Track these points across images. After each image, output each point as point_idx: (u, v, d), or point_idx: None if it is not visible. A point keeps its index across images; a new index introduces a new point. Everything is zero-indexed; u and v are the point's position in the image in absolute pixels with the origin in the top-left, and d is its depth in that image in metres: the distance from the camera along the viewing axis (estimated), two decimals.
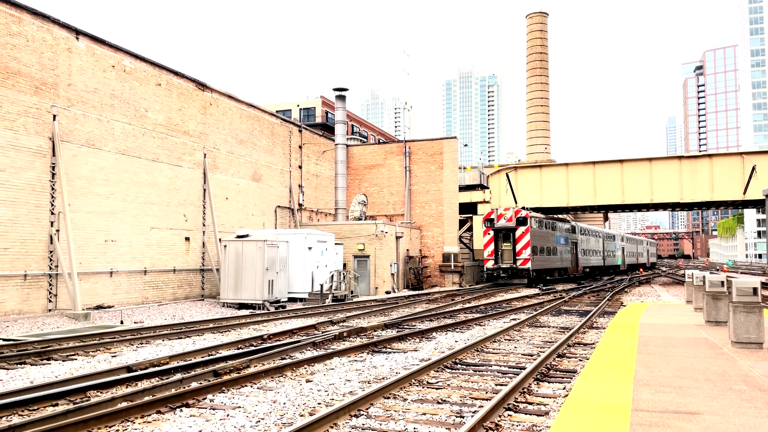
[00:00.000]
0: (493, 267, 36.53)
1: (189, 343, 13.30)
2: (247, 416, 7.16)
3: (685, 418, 6.08)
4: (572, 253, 45.32)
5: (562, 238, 42.23)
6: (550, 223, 40.07)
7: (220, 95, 28.98)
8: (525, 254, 35.57)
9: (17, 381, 9.30)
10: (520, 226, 36.00)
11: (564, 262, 42.52)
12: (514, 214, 36.36)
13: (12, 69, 18.98)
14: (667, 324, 14.55)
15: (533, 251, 35.93)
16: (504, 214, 36.63)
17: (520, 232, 36.01)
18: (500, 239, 36.74)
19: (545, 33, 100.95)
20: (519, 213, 36.31)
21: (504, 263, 36.39)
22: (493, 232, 36.83)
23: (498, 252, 36.62)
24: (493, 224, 36.82)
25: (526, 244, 35.57)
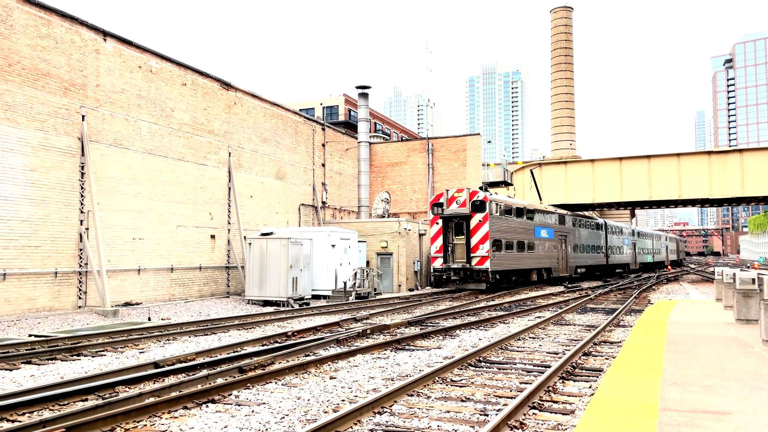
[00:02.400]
0: (441, 267, 28.09)
1: (215, 339, 13.45)
2: (271, 412, 7.21)
3: (714, 418, 5.97)
4: (560, 249, 36.96)
5: (544, 230, 34.53)
6: (525, 211, 32.27)
7: (244, 94, 29.21)
8: (482, 250, 27.35)
9: (48, 376, 9.50)
10: (476, 212, 27.75)
11: (545, 261, 34.31)
12: (469, 197, 27.95)
13: (42, 70, 19.37)
14: (696, 322, 14.28)
15: (494, 246, 27.94)
16: (456, 197, 28.22)
17: (477, 220, 27.70)
18: (451, 231, 28.55)
19: (570, 28, 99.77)
20: (475, 195, 27.85)
21: (455, 262, 28.01)
22: (442, 221, 28.55)
23: (448, 248, 28.27)
24: (442, 211, 28.65)
25: (484, 237, 27.37)
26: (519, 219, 31.07)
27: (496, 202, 28.56)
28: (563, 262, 37.27)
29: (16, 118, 18.53)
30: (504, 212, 29.39)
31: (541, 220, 34.27)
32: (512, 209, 30.57)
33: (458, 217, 28.29)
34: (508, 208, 30.11)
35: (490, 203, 27.84)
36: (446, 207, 28.52)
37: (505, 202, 30.02)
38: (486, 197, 27.71)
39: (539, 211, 34.33)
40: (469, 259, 27.68)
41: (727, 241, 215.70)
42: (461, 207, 28.10)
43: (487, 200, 27.71)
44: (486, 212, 27.56)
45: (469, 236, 27.90)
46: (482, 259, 27.38)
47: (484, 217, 27.58)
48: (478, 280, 27.37)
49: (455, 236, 28.45)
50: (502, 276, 29.00)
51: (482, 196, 27.82)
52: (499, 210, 28.77)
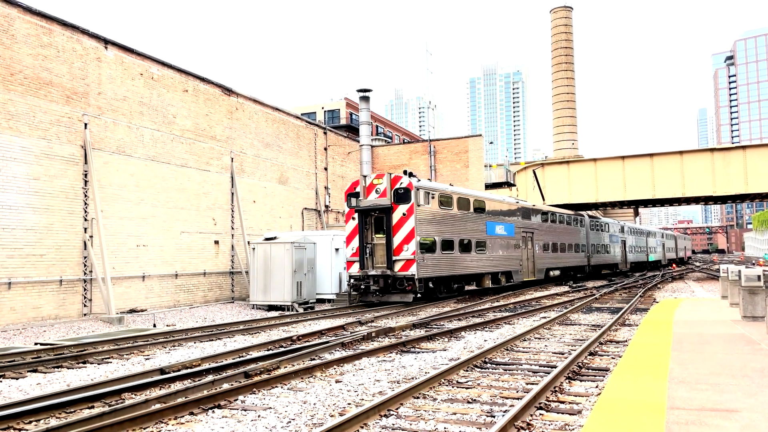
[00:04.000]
0: (357, 274, 21.95)
1: (220, 344, 13.46)
2: (278, 417, 7.21)
3: (723, 416, 5.94)
4: (525, 249, 30.96)
5: (500, 227, 28.30)
6: (471, 202, 25.89)
7: (246, 99, 29.27)
8: (406, 251, 21.33)
9: (54, 384, 9.51)
10: (399, 203, 21.71)
11: (503, 263, 28.19)
12: (390, 184, 21.99)
13: (44, 79, 19.45)
14: (702, 320, 14.23)
15: (424, 246, 21.84)
16: (376, 184, 22.39)
17: (400, 214, 21.57)
18: (369, 227, 22.52)
19: (570, 27, 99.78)
20: (398, 182, 21.95)
21: (374, 268, 21.95)
22: (358, 215, 22.33)
23: (365, 249, 22.21)
24: (358, 202, 22.51)
25: (409, 235, 21.33)
26: (463, 212, 25.04)
27: (425, 191, 22.27)
28: (529, 263, 31.34)
29: (19, 128, 18.60)
30: (441, 203, 23.39)
31: (496, 214, 28.24)
32: (451, 199, 24.26)
33: (378, 210, 22.04)
34: (445, 197, 23.83)
35: (416, 192, 21.62)
36: (363, 197, 22.36)
37: (441, 190, 23.71)
38: (411, 184, 21.59)
39: (493, 201, 28.31)
40: (390, 263, 21.45)
41: (732, 239, 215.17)
42: (381, 197, 22.00)
43: (412, 187, 21.52)
44: (411, 203, 21.41)
45: (390, 234, 21.65)
46: (407, 263, 21.19)
47: (408, 210, 21.45)
48: (402, 290, 21.28)
49: (375, 234, 22.36)
50: (436, 284, 23.38)
51: (406, 183, 21.67)
52: (430, 200, 22.63)
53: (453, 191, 24.69)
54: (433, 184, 23.58)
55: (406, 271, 21.29)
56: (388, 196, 21.98)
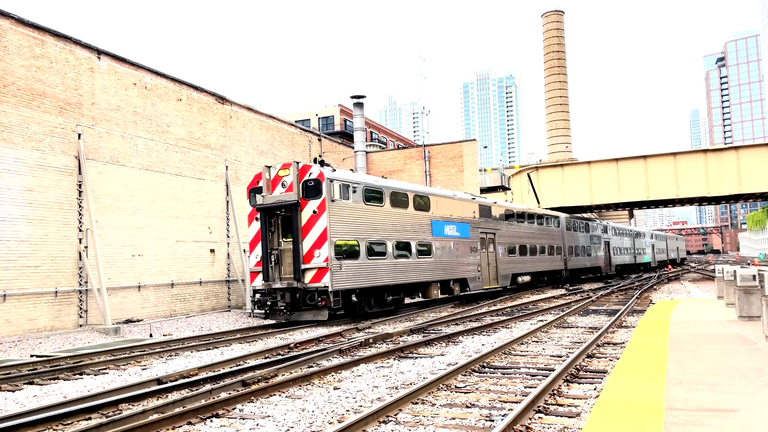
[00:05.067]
0: (261, 287, 18.44)
1: (217, 354, 13.42)
2: (276, 425, 7.18)
3: (720, 416, 5.95)
4: (484, 253, 26.74)
5: (451, 227, 24.32)
6: (412, 198, 21.92)
7: (240, 108, 29.29)
8: (318, 258, 17.60)
9: (51, 396, 9.46)
10: (309, 199, 18.02)
11: (454, 270, 24.09)
12: (298, 176, 18.21)
13: (37, 90, 19.42)
14: (698, 320, 14.28)
15: (342, 252, 18.08)
16: (282, 177, 18.58)
17: (310, 211, 17.96)
18: (275, 229, 18.93)
19: (562, 31, 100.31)
20: (307, 171, 18.17)
21: (281, 279, 18.49)
22: (261, 215, 18.76)
23: (270, 256, 18.62)
24: (261, 200, 18.71)
25: (321, 237, 17.65)
26: (399, 209, 20.96)
27: (342, 183, 18.42)
28: (490, 269, 27.15)
29: (12, 139, 18.55)
30: (367, 198, 19.46)
31: (446, 212, 23.98)
32: (381, 194, 20.17)
33: (284, 208, 18.41)
34: (373, 191, 19.80)
35: (329, 184, 17.87)
36: (267, 193, 18.61)
37: (367, 183, 19.69)
38: (322, 174, 17.82)
39: (441, 197, 23.92)
40: (298, 273, 17.67)
41: (727, 239, 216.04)
42: (287, 192, 18.26)
43: (323, 178, 17.76)
44: (322, 198, 17.67)
45: (299, 237, 17.80)
46: (319, 272, 17.46)
47: (320, 206, 17.67)
48: (315, 307, 17.53)
49: (282, 238, 18.79)
50: (363, 296, 19.25)
51: (316, 173, 17.91)
52: (350, 194, 18.70)
53: (384, 184, 20.64)
54: (355, 175, 19.70)
55: (317, 283, 17.46)
56: (295, 190, 18.10)
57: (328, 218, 17.79)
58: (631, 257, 55.03)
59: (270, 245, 18.83)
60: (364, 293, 19.47)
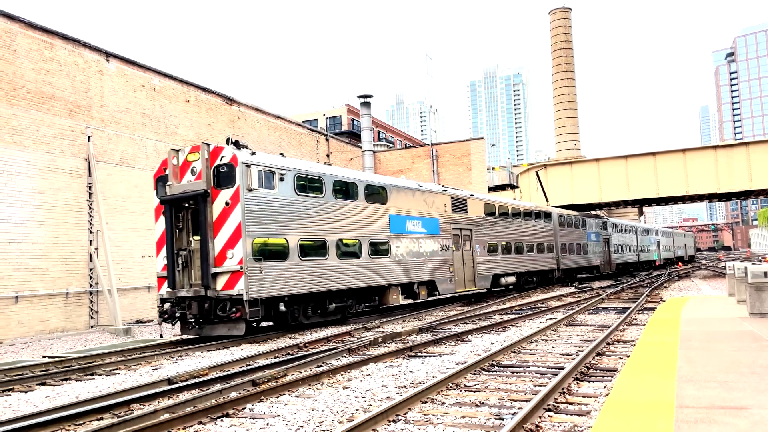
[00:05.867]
0: (167, 295, 15.27)
1: (227, 353, 13.47)
2: (286, 424, 7.21)
3: (732, 413, 5.92)
4: (457, 252, 23.77)
5: (414, 222, 21.17)
6: (362, 188, 18.87)
7: (248, 108, 29.38)
8: (232, 259, 14.63)
9: (63, 397, 9.54)
10: (221, 187, 14.97)
11: (415, 271, 20.98)
12: (209, 160, 15.06)
13: (47, 93, 19.57)
14: (709, 318, 14.19)
15: (263, 253, 15.07)
16: (191, 162, 15.39)
17: (221, 203, 14.91)
18: (184, 225, 15.69)
19: (569, 28, 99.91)
20: (218, 155, 15.05)
21: (190, 286, 15.23)
22: (167, 208, 15.53)
23: (177, 258, 15.42)
24: (169, 189, 15.47)
25: (235, 234, 14.63)
26: (344, 201, 17.96)
27: (264, 168, 15.28)
28: (465, 269, 24.33)
29: (22, 142, 18.71)
30: (300, 188, 16.40)
31: (408, 206, 20.98)
32: (321, 183, 17.16)
33: (189, 199, 15.19)
34: (308, 180, 16.79)
35: (245, 169, 14.72)
36: (175, 181, 15.42)
37: (297, 168, 16.45)
38: (235, 157, 14.74)
39: (401, 188, 20.85)
40: (207, 278, 14.61)
41: (738, 236, 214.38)
42: (197, 180, 15.09)
43: (237, 163, 14.69)
44: (236, 186, 14.65)
45: (209, 234, 14.78)
46: (233, 276, 14.50)
47: (233, 197, 14.65)
48: (228, 319, 14.54)
49: (193, 235, 15.55)
50: (295, 304, 16.30)
51: (229, 156, 14.84)
52: (276, 182, 15.61)
53: (324, 171, 17.51)
54: (282, 160, 16.37)
55: (230, 290, 14.40)
56: (204, 178, 14.87)
57: (243, 211, 14.61)
58: (634, 255, 52.30)
59: (178, 245, 15.50)
60: (297, 301, 16.38)
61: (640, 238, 54.92)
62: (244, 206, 14.69)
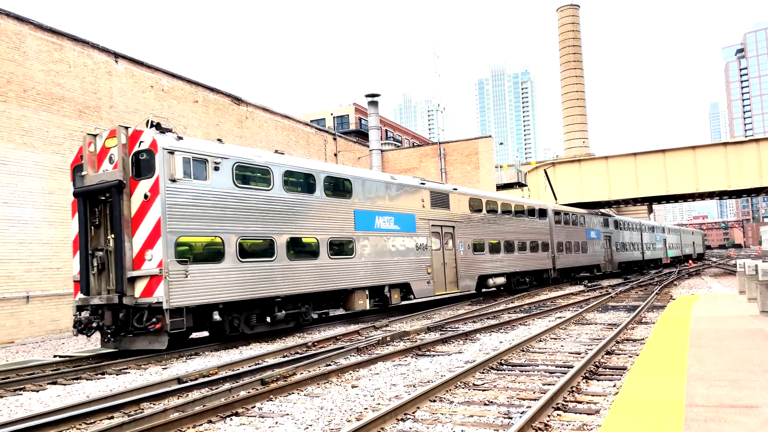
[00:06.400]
0: (82, 303, 13.30)
1: (236, 353, 13.53)
2: (295, 423, 7.24)
3: (742, 412, 5.89)
4: (441, 250, 22.00)
5: (385, 218, 19.26)
6: (320, 179, 16.76)
7: (255, 108, 29.46)
8: (151, 262, 12.60)
9: (74, 396, 9.61)
10: (141, 178, 12.94)
11: (391, 271, 19.24)
12: (127, 146, 13.11)
13: (56, 95, 19.71)
14: (719, 316, 14.10)
15: (188, 254, 13.04)
16: (109, 148, 13.41)
17: (140, 196, 12.88)
18: (100, 222, 13.66)
19: (577, 25, 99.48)
20: (138, 140, 13.05)
21: (106, 292, 13.22)
22: (81, 202, 13.57)
23: (92, 260, 13.40)
24: (83, 179, 13.58)
25: (155, 232, 12.61)
26: (296, 195, 15.87)
27: (189, 156, 13.23)
28: (447, 270, 22.30)
29: (33, 143, 18.85)
30: (240, 178, 14.37)
31: (377, 200, 18.94)
32: (268, 174, 15.15)
33: (102, 190, 13.21)
34: (249, 169, 14.77)
35: (168, 157, 12.75)
36: (91, 171, 13.55)
37: (236, 156, 14.40)
38: (155, 142, 12.73)
39: (369, 181, 18.84)
40: (121, 283, 12.65)
41: (749, 233, 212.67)
42: (114, 169, 13.16)
43: (156, 148, 12.69)
44: (155, 176, 12.66)
45: (126, 232, 12.80)
46: (151, 282, 12.52)
47: (153, 188, 12.67)
48: (146, 331, 12.54)
49: (111, 233, 13.35)
50: (230, 313, 14.08)
51: (148, 141, 12.86)
52: (203, 172, 13.54)
53: (272, 160, 15.43)
54: (217, 147, 14.26)
55: (148, 297, 12.45)
56: (121, 167, 12.92)
57: (164, 205, 12.60)
58: (639, 253, 50.25)
59: (94, 244, 13.51)
60: (238, 308, 14.28)
61: (645, 236, 53.13)
62: (165, 199, 12.69)
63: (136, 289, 12.81)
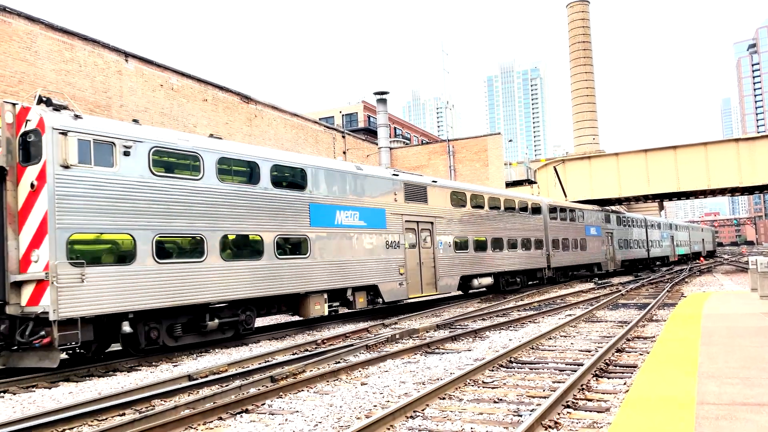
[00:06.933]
0: None
1: (246, 350, 13.59)
2: (304, 420, 7.26)
3: (754, 410, 5.84)
4: (417, 249, 20.14)
5: (348, 213, 17.30)
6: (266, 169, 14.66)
7: (265, 106, 29.53)
8: (37, 264, 10.41)
9: (86, 393, 9.69)
10: (28, 164, 10.76)
11: (354, 273, 17.28)
12: (14, 126, 10.92)
13: (67, 94, 19.84)
14: (731, 313, 14.00)
15: (86, 253, 10.87)
16: None
17: (27, 186, 10.73)
18: None
19: (587, 21, 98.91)
20: (25, 118, 10.87)
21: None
22: None
23: None
24: None
25: (41, 229, 10.47)
26: (233, 186, 13.80)
27: (88, 138, 11.22)
28: (422, 270, 20.43)
29: None
30: (160, 165, 12.39)
31: (338, 193, 16.99)
32: (197, 159, 13.12)
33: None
34: (171, 154, 12.66)
35: (59, 139, 10.76)
36: None
37: (154, 140, 12.31)
38: (43, 121, 10.76)
39: (329, 170, 16.76)
40: (5, 289, 10.70)
41: (761, 230, 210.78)
42: None
43: (44, 128, 10.72)
44: (43, 161, 10.68)
45: (9, 228, 10.86)
46: (39, 287, 10.52)
47: (39, 176, 10.71)
48: (31, 345, 10.53)
49: None
50: (146, 323, 12.18)
51: (36, 120, 10.89)
52: (108, 157, 11.52)
53: (200, 145, 13.21)
54: (127, 127, 12.13)
55: (34, 306, 10.51)
56: (6, 150, 10.94)
57: (52, 197, 10.58)
58: (644, 251, 48.02)
59: None
60: (156, 317, 12.32)
61: (651, 233, 50.69)
62: (55, 190, 10.63)
63: (22, 296, 10.71)
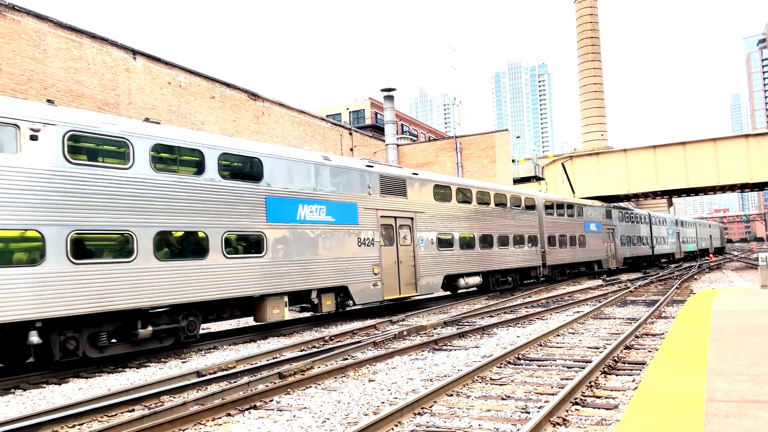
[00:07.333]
0: None
1: (254, 347, 13.63)
2: (312, 416, 7.28)
3: (764, 407, 5.81)
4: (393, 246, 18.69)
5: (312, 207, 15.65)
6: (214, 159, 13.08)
7: (272, 104, 29.57)
8: None
9: (95, 389, 9.76)
10: None
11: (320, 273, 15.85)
12: None
13: (76, 92, 19.94)
14: (740, 310, 13.91)
15: None
16: None
17: None
18: None
19: (595, 17, 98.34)
20: None
21: None
22: None
23: None
24: None
25: None
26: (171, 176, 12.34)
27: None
28: (401, 270, 18.94)
29: None
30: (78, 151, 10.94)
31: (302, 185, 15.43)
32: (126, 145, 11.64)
33: None
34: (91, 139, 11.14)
35: None
36: None
37: (67, 122, 10.75)
38: None
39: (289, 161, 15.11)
40: None
41: None
42: None
43: None
44: None
45: None
46: None
47: None
48: None
49: None
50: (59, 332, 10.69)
51: None
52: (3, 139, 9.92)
53: (129, 130, 11.71)
54: (35, 108, 10.60)
55: None
56: None
57: None
58: (648, 247, 46.53)
59: None
60: (74, 325, 10.91)
61: (655, 229, 49.02)
62: None
63: None
